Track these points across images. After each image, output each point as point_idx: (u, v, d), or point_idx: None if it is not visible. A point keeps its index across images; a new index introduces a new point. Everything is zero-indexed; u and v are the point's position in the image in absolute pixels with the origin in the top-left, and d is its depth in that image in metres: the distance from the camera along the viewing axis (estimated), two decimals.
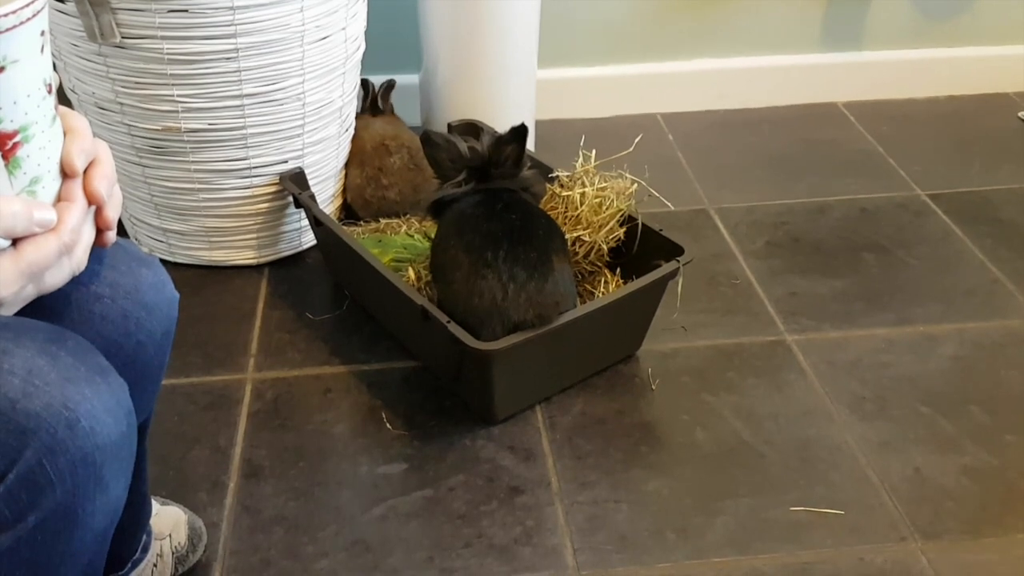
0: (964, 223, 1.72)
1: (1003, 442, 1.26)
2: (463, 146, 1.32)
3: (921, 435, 1.28)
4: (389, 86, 1.79)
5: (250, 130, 1.44)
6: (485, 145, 1.32)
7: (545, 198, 1.41)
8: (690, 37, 2.04)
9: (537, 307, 1.19)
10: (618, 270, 1.42)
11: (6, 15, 0.54)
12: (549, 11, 1.83)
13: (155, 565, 1.03)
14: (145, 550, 1.01)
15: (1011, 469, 1.22)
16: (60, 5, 1.32)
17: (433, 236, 1.36)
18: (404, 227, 1.60)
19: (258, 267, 1.60)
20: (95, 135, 0.66)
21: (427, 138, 1.34)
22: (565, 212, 1.40)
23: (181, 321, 0.85)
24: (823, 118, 2.09)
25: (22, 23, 0.56)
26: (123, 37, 1.32)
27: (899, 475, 1.22)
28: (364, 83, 1.75)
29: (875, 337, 1.45)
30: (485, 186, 1.31)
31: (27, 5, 0.55)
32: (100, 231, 0.66)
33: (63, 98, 1.45)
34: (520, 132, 1.29)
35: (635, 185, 1.40)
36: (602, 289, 1.39)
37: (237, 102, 1.40)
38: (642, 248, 1.39)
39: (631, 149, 1.47)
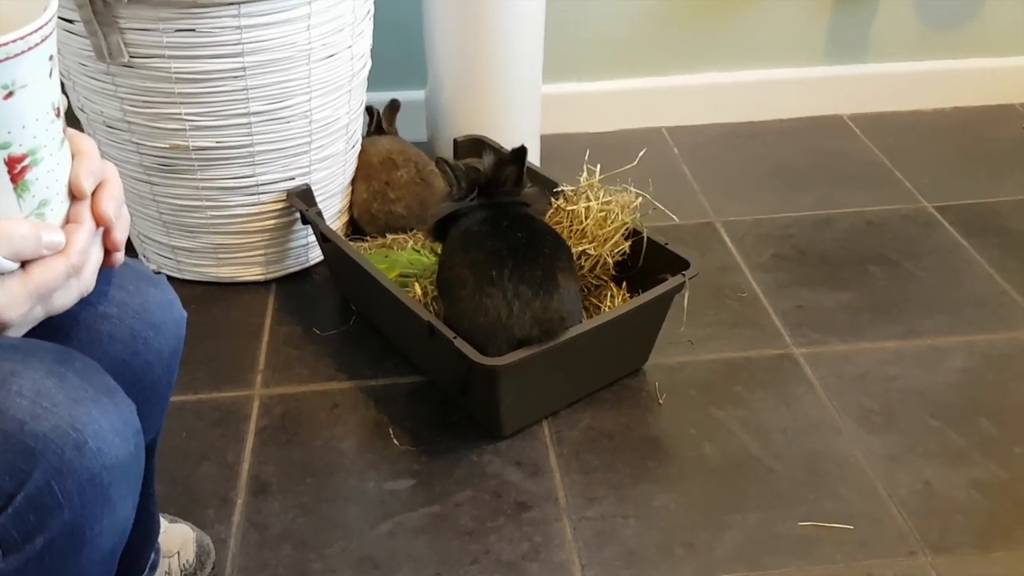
0: (971, 234, 1.72)
1: (1012, 455, 1.26)
2: (468, 170, 1.35)
3: (930, 448, 1.27)
4: (393, 107, 1.79)
5: (257, 147, 1.45)
6: (487, 165, 1.34)
7: (550, 212, 1.41)
8: (694, 50, 2.05)
9: (542, 324, 1.19)
10: (624, 284, 1.42)
11: (15, 40, 0.55)
12: (554, 26, 1.84)
13: None
14: (153, 568, 1.01)
15: (1021, 482, 1.22)
16: (69, 25, 1.34)
17: (440, 252, 1.36)
18: (411, 242, 1.60)
19: (265, 283, 1.61)
20: (103, 154, 0.67)
21: (441, 163, 1.37)
22: (570, 226, 1.40)
23: (189, 337, 0.85)
24: (829, 130, 2.09)
25: (31, 48, 0.56)
26: (131, 56, 1.33)
27: (908, 488, 1.21)
28: (368, 109, 1.75)
29: (883, 350, 1.45)
30: (491, 200, 1.33)
31: (36, 31, 0.56)
32: (108, 252, 0.66)
33: (71, 118, 1.46)
34: (520, 153, 1.32)
35: (640, 198, 1.41)
36: (608, 303, 1.39)
37: (244, 120, 1.41)
38: (648, 262, 1.39)
39: (636, 163, 1.48)
